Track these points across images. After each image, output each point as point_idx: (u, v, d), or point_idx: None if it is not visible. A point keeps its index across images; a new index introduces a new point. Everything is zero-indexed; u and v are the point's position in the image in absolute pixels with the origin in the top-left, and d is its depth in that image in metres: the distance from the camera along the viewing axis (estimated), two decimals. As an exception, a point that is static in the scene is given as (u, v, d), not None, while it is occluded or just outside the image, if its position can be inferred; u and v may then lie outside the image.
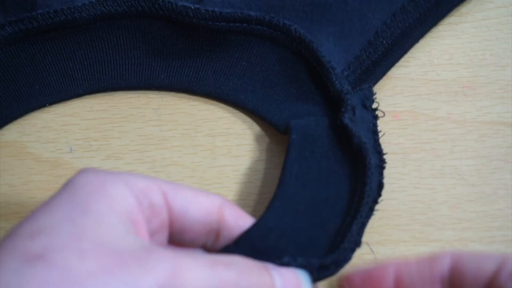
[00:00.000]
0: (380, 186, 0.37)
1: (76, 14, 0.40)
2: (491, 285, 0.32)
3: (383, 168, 0.37)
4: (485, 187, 0.41)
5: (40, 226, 0.28)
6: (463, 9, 0.45)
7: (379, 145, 0.38)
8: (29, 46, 0.41)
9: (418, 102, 0.43)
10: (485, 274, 0.32)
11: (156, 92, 0.43)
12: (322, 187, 0.37)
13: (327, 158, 0.38)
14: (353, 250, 0.34)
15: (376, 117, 0.40)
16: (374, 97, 0.40)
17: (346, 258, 0.34)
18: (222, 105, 0.43)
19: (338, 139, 0.39)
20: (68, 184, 0.30)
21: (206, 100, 0.43)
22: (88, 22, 0.41)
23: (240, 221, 0.34)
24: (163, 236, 0.33)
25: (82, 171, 0.31)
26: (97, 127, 0.42)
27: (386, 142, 0.41)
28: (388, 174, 0.41)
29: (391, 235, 0.40)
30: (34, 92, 0.42)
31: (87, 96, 0.43)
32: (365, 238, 0.36)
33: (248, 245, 0.33)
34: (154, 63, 0.43)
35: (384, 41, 0.42)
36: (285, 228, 0.35)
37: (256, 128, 0.43)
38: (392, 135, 0.42)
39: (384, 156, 0.38)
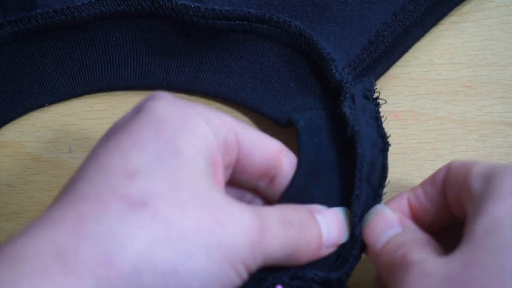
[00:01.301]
0: (385, 168, 0.36)
1: (75, 14, 0.40)
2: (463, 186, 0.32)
3: (386, 150, 0.37)
4: (485, 187, 0.41)
5: (134, 166, 0.28)
6: (463, 9, 0.45)
7: (382, 129, 0.38)
8: (28, 45, 0.41)
9: (418, 102, 0.43)
10: (461, 176, 0.32)
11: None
12: (332, 177, 0.37)
13: (332, 149, 0.38)
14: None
15: (377, 105, 0.39)
16: (374, 87, 0.40)
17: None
18: (222, 105, 0.43)
19: (340, 129, 0.38)
20: (147, 113, 0.30)
21: (206, 100, 0.43)
22: (88, 21, 0.41)
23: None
24: (227, 173, 0.34)
25: (158, 99, 0.31)
26: (97, 127, 0.42)
27: (387, 142, 0.41)
28: (389, 174, 0.41)
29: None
30: (33, 92, 0.42)
31: (86, 96, 0.43)
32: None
33: None
34: (153, 62, 0.43)
35: (385, 40, 0.42)
36: None
37: (257, 128, 0.43)
38: (392, 135, 0.42)
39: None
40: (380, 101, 0.39)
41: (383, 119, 0.39)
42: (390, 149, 0.41)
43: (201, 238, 0.27)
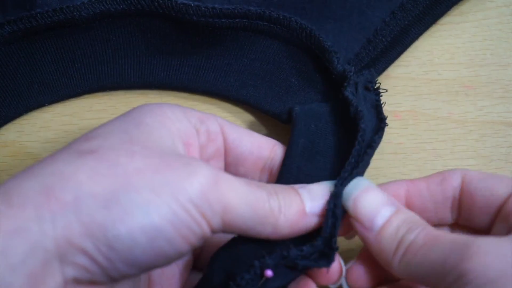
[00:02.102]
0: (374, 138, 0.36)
1: (75, 13, 0.40)
2: (501, 211, 0.32)
3: (383, 128, 0.36)
4: (486, 187, 0.41)
5: (94, 134, 0.30)
6: (464, 9, 0.45)
7: (382, 113, 0.37)
8: (28, 45, 0.41)
9: (418, 102, 0.43)
10: (496, 199, 0.33)
11: (156, 92, 0.43)
12: (327, 161, 0.37)
13: (332, 134, 0.38)
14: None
15: (378, 94, 0.39)
16: (375, 79, 0.40)
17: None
18: (222, 105, 0.43)
19: (341, 117, 0.38)
20: (129, 110, 0.33)
21: (206, 100, 0.43)
22: (87, 21, 0.41)
23: None
24: (219, 164, 0.35)
25: (145, 103, 0.33)
26: (97, 127, 0.42)
27: (387, 142, 0.41)
28: (389, 174, 0.41)
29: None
30: (33, 91, 0.42)
31: (86, 96, 0.43)
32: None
33: None
34: (153, 61, 0.43)
35: (383, 39, 0.42)
36: None
37: (256, 128, 0.43)
38: (393, 135, 0.42)
39: (386, 124, 0.37)
40: (381, 91, 0.39)
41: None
42: (390, 149, 0.41)
43: (146, 175, 0.28)
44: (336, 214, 0.32)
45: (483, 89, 0.43)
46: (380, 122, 0.37)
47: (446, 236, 0.30)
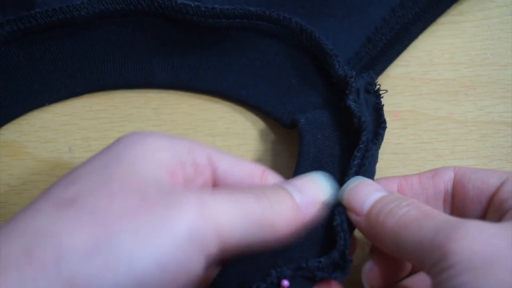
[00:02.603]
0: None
1: (74, 13, 0.40)
2: (493, 200, 0.32)
3: (382, 134, 0.37)
4: (486, 187, 0.41)
5: (74, 176, 0.29)
6: (464, 8, 0.45)
7: (382, 116, 0.38)
8: (28, 44, 0.41)
9: (418, 102, 0.43)
10: (488, 189, 0.33)
11: (156, 91, 0.43)
12: (336, 170, 0.37)
13: (338, 143, 0.38)
14: None
15: (379, 97, 0.39)
16: (375, 81, 0.40)
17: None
18: (222, 105, 0.43)
19: (345, 124, 0.39)
20: (111, 143, 0.31)
21: (206, 100, 0.43)
22: (87, 20, 0.41)
23: None
24: None
25: (129, 133, 0.32)
26: (96, 127, 0.42)
27: (387, 142, 0.41)
28: (389, 174, 0.41)
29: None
30: (33, 91, 0.42)
31: (86, 96, 0.43)
32: (365, 238, 0.36)
33: None
34: (154, 61, 0.43)
35: (383, 37, 0.42)
36: None
37: (257, 128, 0.43)
38: (393, 135, 0.42)
39: (385, 128, 0.37)
40: (381, 92, 0.39)
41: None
42: (390, 149, 0.41)
43: (127, 219, 0.26)
44: (344, 228, 0.32)
45: (483, 89, 0.43)
46: (378, 128, 0.37)
47: (439, 214, 0.30)
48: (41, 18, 0.40)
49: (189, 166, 0.31)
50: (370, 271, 0.34)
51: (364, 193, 0.33)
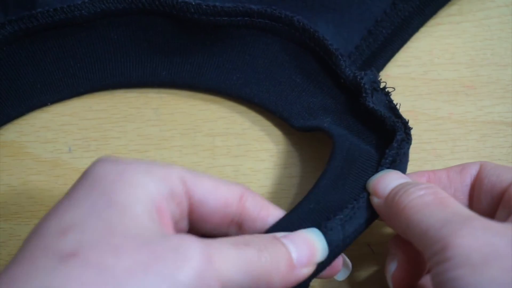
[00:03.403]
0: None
1: (76, 12, 0.40)
2: (504, 194, 0.33)
3: (410, 129, 0.37)
4: (486, 187, 0.41)
5: (67, 223, 0.28)
6: (464, 8, 0.45)
7: (401, 116, 0.38)
8: (29, 44, 0.41)
9: (418, 102, 0.43)
10: (501, 184, 0.33)
11: (156, 91, 0.43)
12: (366, 164, 0.37)
13: (362, 143, 0.38)
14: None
15: (387, 94, 0.39)
16: (379, 78, 0.40)
17: None
18: (222, 105, 0.43)
19: (363, 123, 0.39)
20: (86, 175, 0.30)
21: (206, 100, 0.43)
22: (88, 20, 0.41)
23: (262, 211, 0.34)
24: (184, 224, 0.32)
25: (99, 161, 0.31)
26: (96, 127, 0.42)
27: (387, 142, 0.41)
28: (389, 174, 0.41)
29: (392, 234, 0.40)
30: (36, 91, 0.42)
31: (86, 96, 0.43)
32: (366, 238, 0.36)
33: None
34: (155, 59, 0.43)
35: (383, 31, 0.42)
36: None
37: (257, 128, 0.42)
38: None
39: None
40: (389, 90, 0.40)
41: None
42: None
43: (137, 276, 0.26)
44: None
45: (483, 89, 0.43)
46: (405, 128, 0.37)
47: (453, 204, 0.30)
48: (42, 18, 0.40)
49: (169, 198, 0.31)
50: (395, 271, 0.34)
51: (389, 179, 0.34)
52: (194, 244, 0.28)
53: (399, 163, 0.35)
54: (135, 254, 0.27)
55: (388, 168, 0.35)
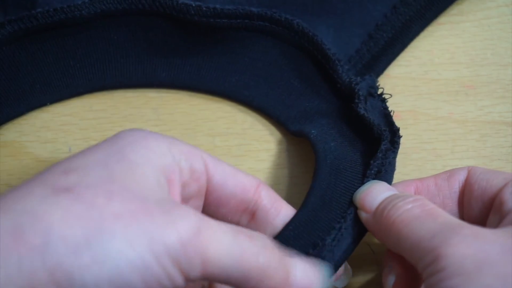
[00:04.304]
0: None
1: (76, 12, 0.40)
2: (495, 201, 0.33)
3: (399, 137, 0.37)
4: (486, 187, 0.41)
5: (73, 166, 0.28)
6: (464, 8, 0.45)
7: (393, 123, 0.38)
8: (29, 44, 0.41)
9: (419, 102, 0.43)
10: (491, 189, 0.33)
11: (156, 91, 0.43)
12: (353, 176, 0.37)
13: (351, 149, 0.38)
14: None
15: (384, 101, 0.40)
16: (377, 84, 0.40)
17: None
18: (222, 105, 0.43)
19: (355, 131, 0.39)
20: (110, 137, 0.31)
21: (206, 100, 0.43)
22: (88, 20, 0.41)
23: (276, 204, 0.34)
24: (199, 203, 0.33)
25: (127, 129, 0.31)
26: (96, 127, 0.42)
27: (387, 142, 0.41)
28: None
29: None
30: (35, 91, 0.42)
31: (86, 96, 0.43)
32: (366, 238, 0.36)
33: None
34: (155, 60, 0.43)
35: (384, 35, 0.42)
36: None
37: (257, 128, 0.42)
38: (392, 135, 0.42)
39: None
40: (386, 96, 0.40)
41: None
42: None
43: (122, 222, 0.26)
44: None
45: (483, 89, 0.43)
46: (394, 136, 0.37)
47: (442, 214, 0.30)
48: (42, 18, 0.40)
49: (186, 171, 0.31)
50: (394, 284, 0.34)
51: (375, 193, 0.34)
52: (189, 213, 0.28)
53: (385, 173, 0.36)
54: (127, 203, 0.27)
55: (373, 179, 0.35)
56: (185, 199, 0.32)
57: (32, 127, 0.42)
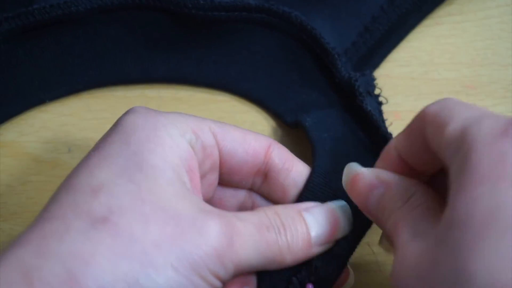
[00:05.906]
0: None
1: (72, 8, 0.40)
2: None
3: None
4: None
5: (98, 182, 0.28)
6: (464, 8, 0.45)
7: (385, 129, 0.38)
8: (26, 41, 0.41)
9: (419, 102, 0.43)
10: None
11: (156, 91, 0.43)
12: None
13: (344, 142, 0.38)
14: None
15: (379, 103, 0.40)
16: (375, 82, 0.40)
17: None
18: (222, 105, 0.43)
19: (351, 123, 0.39)
20: (117, 128, 0.31)
21: (206, 99, 0.43)
22: (85, 15, 0.41)
23: (287, 163, 0.35)
24: (214, 176, 0.34)
25: (130, 112, 0.32)
26: (96, 127, 0.42)
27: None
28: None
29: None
30: (34, 88, 0.42)
31: (85, 96, 0.43)
32: (366, 238, 0.36)
33: None
34: (153, 55, 0.43)
35: (380, 27, 0.42)
36: None
37: (256, 128, 0.43)
38: (393, 135, 0.42)
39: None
40: (382, 100, 0.40)
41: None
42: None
43: (164, 251, 0.27)
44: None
45: (484, 89, 0.43)
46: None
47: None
48: (39, 15, 0.40)
49: (199, 150, 0.32)
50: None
51: (363, 192, 0.33)
52: (219, 226, 0.29)
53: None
54: (162, 226, 0.28)
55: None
56: (202, 176, 0.33)
57: (32, 127, 0.42)
